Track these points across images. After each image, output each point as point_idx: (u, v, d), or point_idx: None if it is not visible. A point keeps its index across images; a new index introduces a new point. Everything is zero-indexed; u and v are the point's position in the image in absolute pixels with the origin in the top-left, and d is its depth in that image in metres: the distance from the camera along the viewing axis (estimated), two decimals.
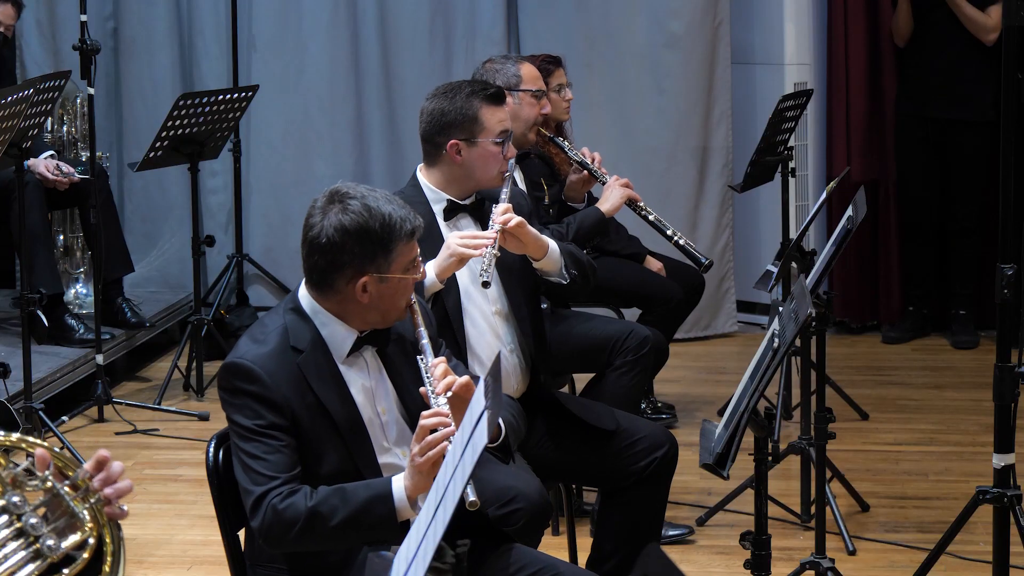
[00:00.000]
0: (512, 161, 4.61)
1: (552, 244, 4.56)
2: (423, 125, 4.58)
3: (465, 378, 3.53)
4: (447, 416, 3.39)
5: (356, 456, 3.55)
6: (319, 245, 3.54)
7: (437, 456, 3.33)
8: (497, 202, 4.52)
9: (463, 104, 4.53)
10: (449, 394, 3.47)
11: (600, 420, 4.62)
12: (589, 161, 5.90)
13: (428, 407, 3.47)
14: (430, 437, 3.35)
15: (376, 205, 3.54)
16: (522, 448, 4.50)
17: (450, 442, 3.32)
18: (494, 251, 4.36)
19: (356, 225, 3.52)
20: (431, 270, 4.35)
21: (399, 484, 3.40)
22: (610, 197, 5.75)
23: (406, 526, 3.41)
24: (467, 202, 4.59)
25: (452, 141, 4.52)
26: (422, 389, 3.50)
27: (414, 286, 3.64)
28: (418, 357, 3.55)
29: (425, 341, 3.57)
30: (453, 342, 4.44)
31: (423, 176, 4.60)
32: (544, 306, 5.03)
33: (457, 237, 4.38)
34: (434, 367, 3.51)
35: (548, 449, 4.63)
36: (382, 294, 3.56)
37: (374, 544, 3.50)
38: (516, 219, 4.43)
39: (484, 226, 4.56)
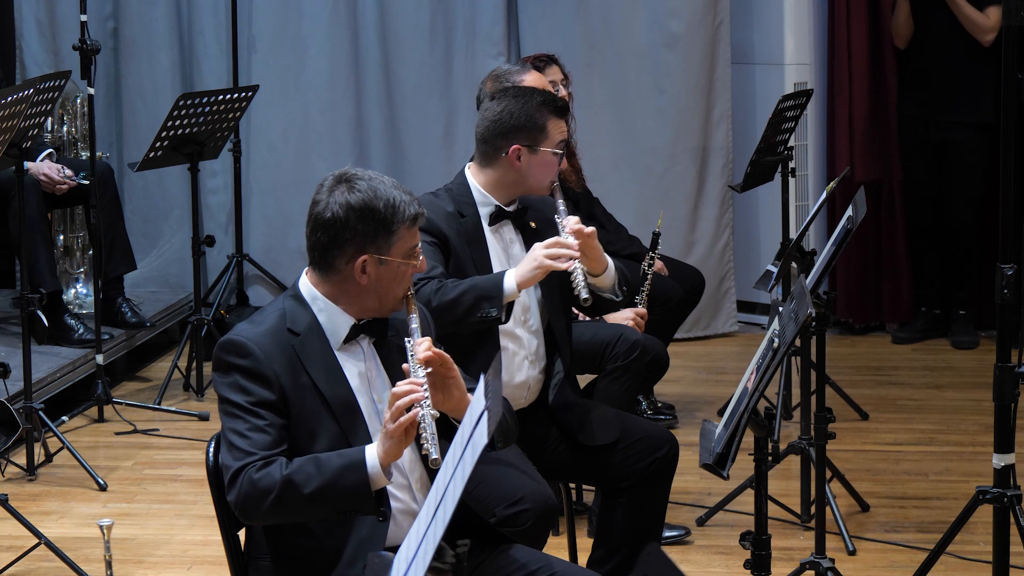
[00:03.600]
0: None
1: (610, 260, 4.57)
2: (485, 124, 4.57)
3: (444, 354, 3.55)
4: (420, 385, 3.43)
5: (350, 436, 3.57)
6: (323, 220, 3.59)
7: (408, 423, 3.38)
8: (550, 211, 4.55)
9: (534, 112, 4.54)
10: (429, 369, 3.50)
11: (600, 434, 4.62)
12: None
13: None
14: (400, 402, 3.39)
15: (382, 188, 3.60)
16: (536, 452, 4.51)
17: (420, 407, 3.38)
18: (582, 265, 4.40)
19: (361, 203, 3.57)
20: (512, 278, 4.35)
21: (372, 452, 3.44)
22: (617, 318, 5.69)
23: (381, 495, 3.45)
24: (511, 209, 4.60)
25: (515, 146, 4.52)
26: (404, 366, 3.53)
27: (414, 275, 3.67)
28: (405, 340, 3.58)
29: (415, 326, 3.59)
30: (489, 355, 4.44)
31: (472, 175, 4.61)
32: None
33: (543, 248, 4.37)
34: (417, 344, 3.54)
35: (551, 451, 4.63)
36: (380, 277, 3.60)
37: (348, 514, 3.51)
38: (589, 228, 4.44)
39: (525, 234, 4.60)
